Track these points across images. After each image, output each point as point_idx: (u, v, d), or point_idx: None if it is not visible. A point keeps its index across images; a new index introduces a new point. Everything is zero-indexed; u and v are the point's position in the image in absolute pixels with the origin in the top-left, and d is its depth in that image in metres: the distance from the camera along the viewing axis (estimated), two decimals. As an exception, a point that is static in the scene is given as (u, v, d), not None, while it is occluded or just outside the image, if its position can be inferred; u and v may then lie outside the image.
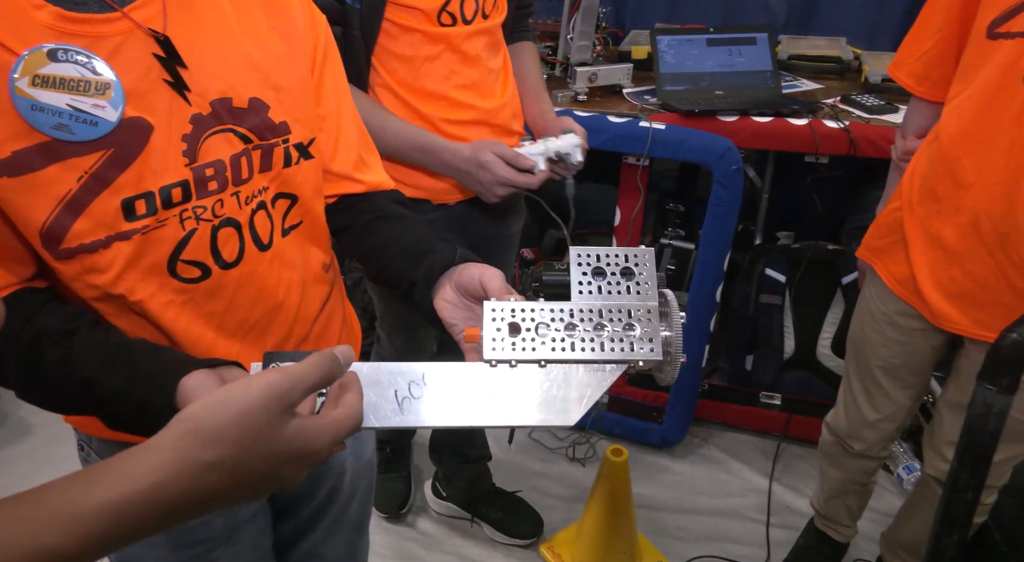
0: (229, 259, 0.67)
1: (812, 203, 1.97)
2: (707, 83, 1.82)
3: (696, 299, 1.74)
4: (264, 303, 0.71)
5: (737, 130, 1.66)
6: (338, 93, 0.77)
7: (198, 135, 0.63)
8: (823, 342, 1.98)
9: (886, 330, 1.26)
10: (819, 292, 2.01)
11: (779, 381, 1.96)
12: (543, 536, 1.68)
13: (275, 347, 0.74)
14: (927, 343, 1.23)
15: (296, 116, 0.69)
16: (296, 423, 0.44)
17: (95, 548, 0.39)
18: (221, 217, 0.65)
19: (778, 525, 1.72)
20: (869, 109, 1.71)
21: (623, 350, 0.53)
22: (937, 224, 1.12)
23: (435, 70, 1.17)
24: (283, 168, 0.69)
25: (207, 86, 0.63)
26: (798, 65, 2.01)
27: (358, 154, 0.79)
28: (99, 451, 0.76)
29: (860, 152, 1.61)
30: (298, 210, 0.72)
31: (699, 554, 1.65)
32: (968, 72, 1.09)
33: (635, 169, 1.71)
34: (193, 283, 0.65)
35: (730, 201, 1.64)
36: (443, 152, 1.17)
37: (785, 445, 1.92)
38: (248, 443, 0.42)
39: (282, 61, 0.69)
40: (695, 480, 1.86)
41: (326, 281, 0.79)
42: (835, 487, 1.51)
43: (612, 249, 0.56)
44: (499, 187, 1.16)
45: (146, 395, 0.55)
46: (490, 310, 0.54)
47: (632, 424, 1.91)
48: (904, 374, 1.29)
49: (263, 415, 0.42)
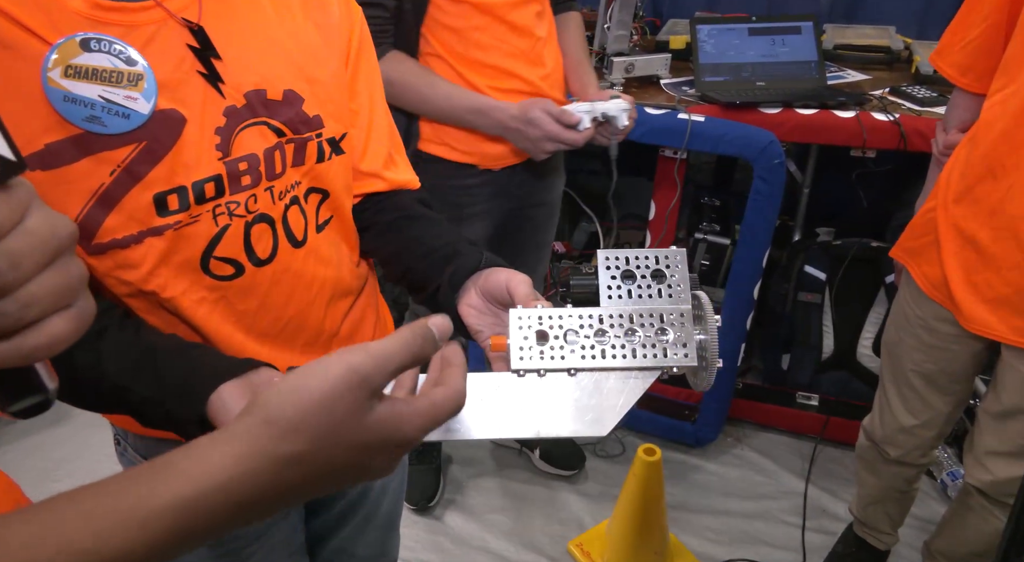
0: (263, 256, 0.65)
1: (854, 198, 1.90)
2: (748, 74, 1.77)
3: (733, 296, 1.70)
4: (298, 301, 0.69)
5: (780, 123, 1.61)
6: (371, 88, 0.75)
7: (232, 128, 0.61)
8: (864, 342, 1.92)
9: (921, 334, 1.22)
10: (861, 290, 1.94)
11: (816, 381, 1.91)
12: (571, 535, 1.66)
13: (306, 345, 0.72)
14: (964, 349, 1.18)
15: (329, 110, 0.68)
16: (383, 409, 0.39)
17: (166, 548, 0.35)
18: (255, 213, 0.64)
19: (814, 529, 1.68)
20: (920, 101, 1.64)
21: (656, 356, 0.50)
22: (973, 225, 1.07)
23: (484, 40, 1.21)
24: (316, 163, 0.68)
25: (241, 78, 0.61)
26: (844, 55, 1.94)
27: (388, 152, 0.78)
28: (135, 447, 0.75)
29: (911, 146, 1.55)
30: (329, 206, 0.71)
31: (732, 557, 1.61)
32: (1012, 66, 1.03)
33: (672, 162, 1.67)
34: (226, 280, 0.64)
35: (771, 196, 1.59)
36: (494, 111, 1.21)
37: (822, 447, 1.87)
38: (329, 434, 0.37)
39: (318, 53, 0.68)
40: (728, 481, 1.82)
41: (359, 277, 0.78)
42: (873, 494, 1.46)
43: (642, 251, 0.54)
44: (547, 142, 1.20)
45: (175, 406, 0.54)
46: (516, 318, 0.51)
47: (664, 422, 1.88)
48: (941, 380, 1.24)
49: (344, 403, 0.37)
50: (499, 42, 1.22)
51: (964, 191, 1.09)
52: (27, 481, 1.34)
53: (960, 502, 1.33)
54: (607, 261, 0.53)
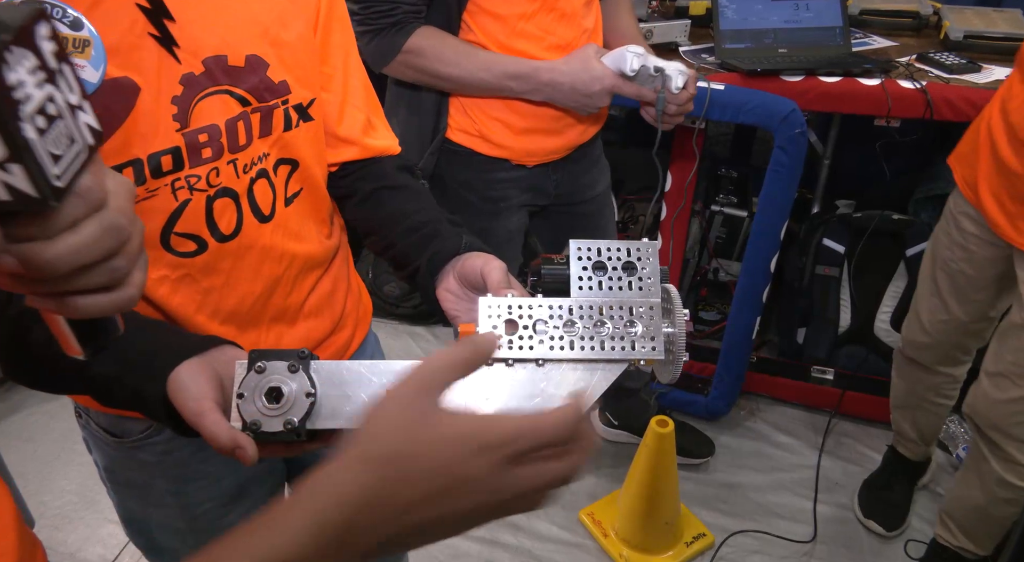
0: (226, 231, 0.63)
1: (876, 170, 1.86)
2: (770, 40, 1.71)
3: (750, 269, 1.68)
4: (265, 277, 0.67)
5: (802, 91, 1.56)
6: (346, 49, 0.72)
7: (190, 97, 0.58)
8: (882, 316, 1.89)
9: (951, 230, 1.32)
10: (881, 264, 1.91)
11: (833, 356, 1.89)
12: (583, 504, 1.68)
13: (272, 321, 0.70)
14: (983, 253, 1.27)
15: (297, 74, 0.65)
16: (448, 410, 0.38)
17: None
18: (217, 186, 0.61)
19: (826, 502, 1.68)
20: (949, 68, 1.58)
21: (623, 349, 0.50)
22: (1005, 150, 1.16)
23: (529, 29, 1.14)
24: (283, 132, 0.65)
25: (200, 42, 0.57)
26: (870, 20, 1.87)
27: (366, 117, 0.74)
28: (97, 420, 0.73)
29: (937, 115, 1.50)
30: (298, 177, 0.68)
31: (743, 528, 1.62)
32: None
33: (690, 132, 1.63)
34: (188, 257, 0.62)
35: (791, 167, 1.56)
36: (540, 72, 1.13)
37: (836, 421, 1.86)
38: (404, 438, 0.37)
39: (283, 14, 0.64)
40: (740, 453, 1.83)
41: (329, 249, 0.75)
42: (900, 396, 1.57)
43: (615, 242, 0.53)
44: (599, 86, 1.12)
45: (137, 382, 0.52)
46: (486, 306, 0.51)
47: (677, 395, 1.88)
48: (961, 281, 1.33)
49: (409, 405, 0.37)
50: (544, 32, 1.14)
51: (1003, 114, 1.17)
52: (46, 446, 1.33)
53: (966, 465, 1.39)
54: (579, 251, 0.53)
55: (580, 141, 1.29)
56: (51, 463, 1.79)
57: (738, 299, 1.71)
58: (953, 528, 1.41)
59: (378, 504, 0.36)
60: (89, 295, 0.35)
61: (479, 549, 1.59)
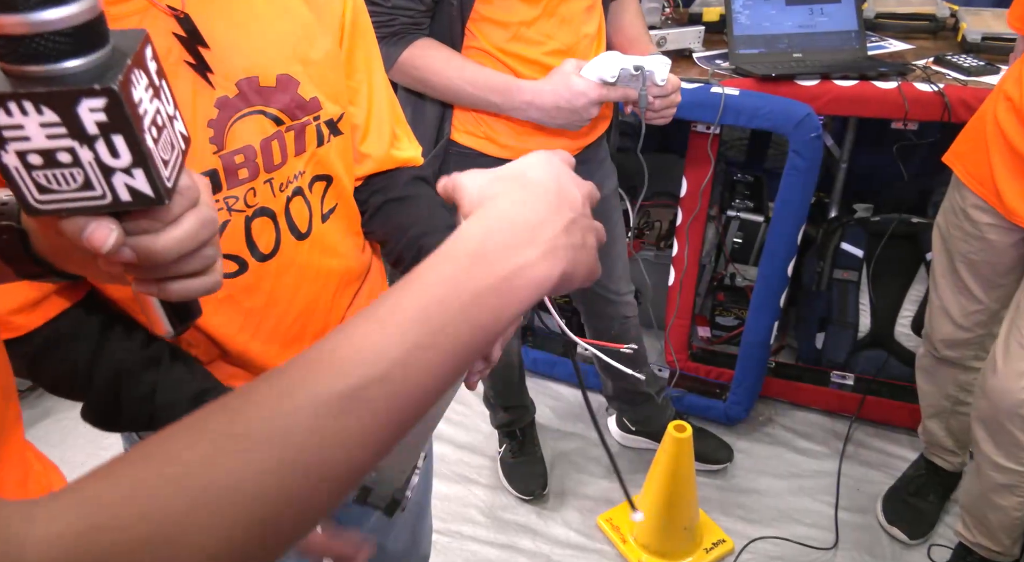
0: (265, 250, 0.64)
1: (893, 173, 1.84)
2: (785, 45, 1.72)
3: (767, 273, 1.67)
4: (305, 294, 0.68)
5: (817, 95, 1.56)
6: (369, 62, 0.73)
7: (225, 120, 0.59)
8: (902, 321, 1.88)
9: (964, 224, 1.32)
10: (900, 268, 1.90)
11: (852, 361, 1.88)
12: (601, 509, 1.68)
13: (315, 338, 0.69)
14: (1002, 239, 1.28)
15: (326, 90, 0.65)
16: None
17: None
18: (254, 206, 0.62)
19: (847, 508, 1.67)
20: (967, 71, 1.57)
21: None
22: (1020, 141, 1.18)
23: (531, 35, 1.15)
24: (316, 148, 0.66)
25: (232, 65, 0.59)
26: (886, 24, 1.86)
27: (391, 130, 0.75)
28: None
29: (955, 117, 1.49)
30: (333, 192, 0.69)
31: (763, 535, 1.61)
32: None
33: (705, 137, 1.64)
34: (230, 278, 0.63)
35: (807, 171, 1.56)
36: (521, 91, 1.14)
37: (857, 425, 1.85)
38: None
39: (310, 31, 0.64)
40: (759, 459, 1.82)
41: (364, 261, 0.76)
42: (932, 404, 1.54)
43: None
44: (584, 100, 1.12)
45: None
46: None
47: (694, 400, 1.87)
48: (985, 270, 1.33)
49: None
50: (546, 37, 1.16)
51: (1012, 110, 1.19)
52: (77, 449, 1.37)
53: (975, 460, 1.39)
54: None
55: (586, 142, 1.30)
56: (78, 469, 1.81)
57: (755, 304, 1.70)
58: (969, 523, 1.40)
59: (508, 219, 0.39)
60: (184, 280, 0.41)
61: (497, 554, 1.60)
